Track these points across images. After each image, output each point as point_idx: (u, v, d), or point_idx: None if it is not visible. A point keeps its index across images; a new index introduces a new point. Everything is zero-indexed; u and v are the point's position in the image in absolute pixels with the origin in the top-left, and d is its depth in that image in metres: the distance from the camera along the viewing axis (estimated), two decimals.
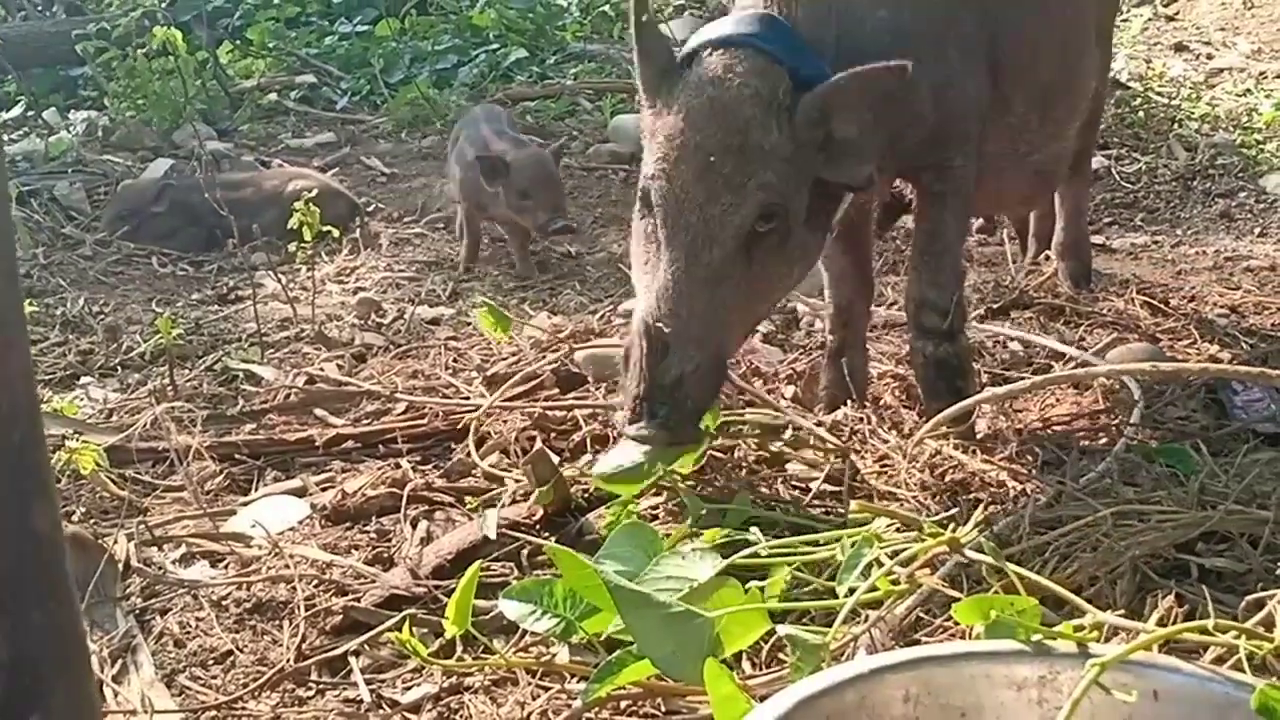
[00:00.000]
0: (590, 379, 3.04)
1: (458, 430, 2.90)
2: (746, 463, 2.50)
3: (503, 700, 1.95)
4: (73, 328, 4.13)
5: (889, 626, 1.84)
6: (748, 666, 1.92)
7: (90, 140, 6.62)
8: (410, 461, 2.80)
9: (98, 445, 2.79)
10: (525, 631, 2.00)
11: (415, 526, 2.51)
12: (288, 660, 2.11)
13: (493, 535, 2.35)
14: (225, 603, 2.32)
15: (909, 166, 2.62)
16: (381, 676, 2.08)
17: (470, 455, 2.73)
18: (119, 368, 3.75)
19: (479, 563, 2.05)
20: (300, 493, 2.77)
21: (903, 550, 1.87)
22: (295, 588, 2.31)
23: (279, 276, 4.22)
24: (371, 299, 4.19)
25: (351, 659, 2.11)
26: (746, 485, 2.40)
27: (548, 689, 1.94)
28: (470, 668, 2.02)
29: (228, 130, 6.85)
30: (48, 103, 7.40)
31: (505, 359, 3.29)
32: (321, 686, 2.07)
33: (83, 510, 2.72)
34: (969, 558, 1.86)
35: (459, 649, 2.06)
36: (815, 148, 2.33)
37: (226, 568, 2.48)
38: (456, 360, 3.41)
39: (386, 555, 2.43)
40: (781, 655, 1.88)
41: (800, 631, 1.73)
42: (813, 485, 2.42)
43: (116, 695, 2.07)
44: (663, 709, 1.90)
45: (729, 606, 1.79)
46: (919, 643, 1.84)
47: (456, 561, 2.29)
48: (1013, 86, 2.74)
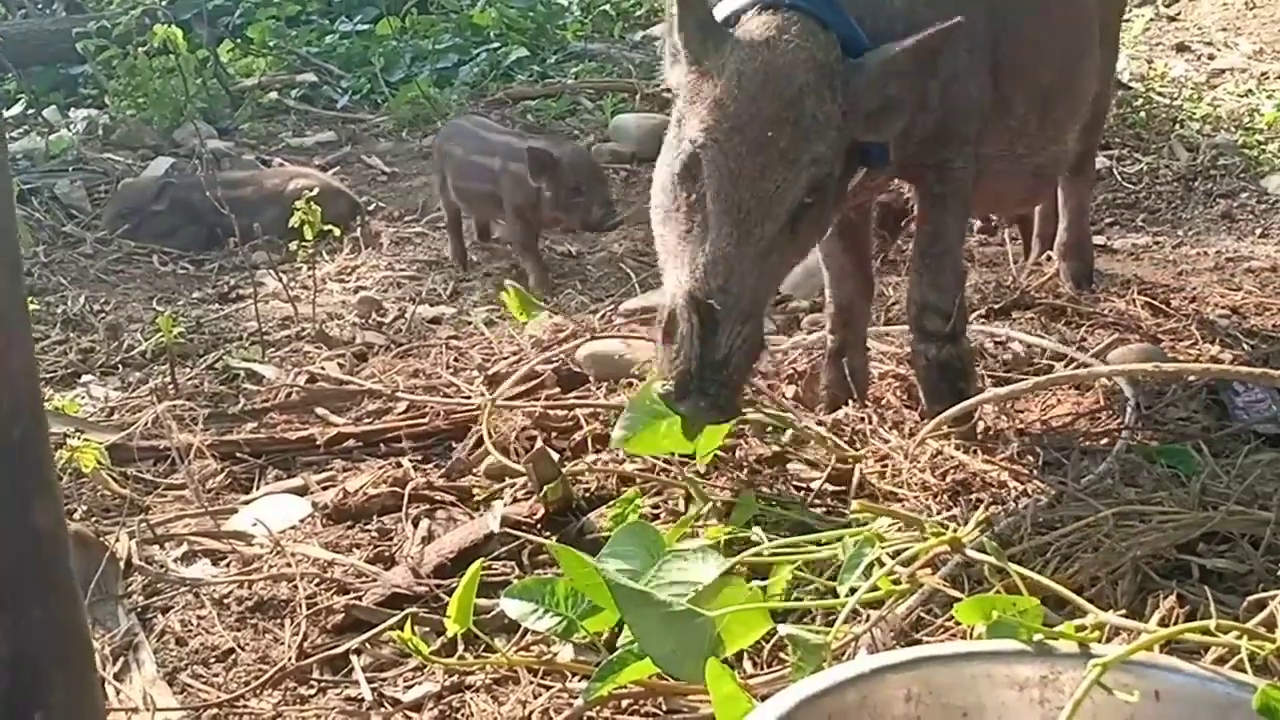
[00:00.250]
0: (591, 378, 3.04)
1: (459, 429, 2.90)
2: (748, 462, 2.50)
3: (504, 699, 1.95)
4: (74, 326, 4.13)
5: (890, 626, 1.84)
6: (749, 666, 1.92)
7: (91, 138, 6.61)
8: (411, 460, 2.81)
9: (99, 443, 2.79)
10: (527, 630, 2.01)
11: (416, 525, 2.51)
12: (289, 658, 2.12)
13: (496, 529, 2.35)
14: (227, 601, 2.32)
15: (911, 166, 2.61)
16: (383, 675, 2.08)
17: (485, 444, 2.68)
18: (120, 366, 3.76)
19: (480, 561, 2.05)
20: (301, 491, 2.78)
21: (904, 550, 1.87)
22: (297, 586, 2.31)
23: (280, 275, 4.23)
24: (372, 298, 4.20)
25: (353, 657, 2.12)
26: (748, 484, 2.39)
27: (549, 688, 1.94)
28: (472, 666, 2.02)
29: (228, 129, 6.84)
30: (48, 101, 7.39)
31: (506, 358, 3.29)
32: (323, 685, 2.07)
33: (84, 508, 2.73)
34: (970, 558, 1.86)
35: (460, 647, 2.06)
36: (863, 114, 2.31)
37: (228, 566, 2.49)
38: (458, 359, 3.41)
39: (388, 554, 2.43)
40: (783, 655, 1.89)
41: (802, 631, 1.74)
42: (814, 485, 2.42)
43: (118, 693, 2.07)
44: (664, 708, 1.90)
45: (731, 605, 1.79)
46: (920, 642, 1.84)
47: (458, 560, 2.29)
48: (1013, 88, 2.73)
